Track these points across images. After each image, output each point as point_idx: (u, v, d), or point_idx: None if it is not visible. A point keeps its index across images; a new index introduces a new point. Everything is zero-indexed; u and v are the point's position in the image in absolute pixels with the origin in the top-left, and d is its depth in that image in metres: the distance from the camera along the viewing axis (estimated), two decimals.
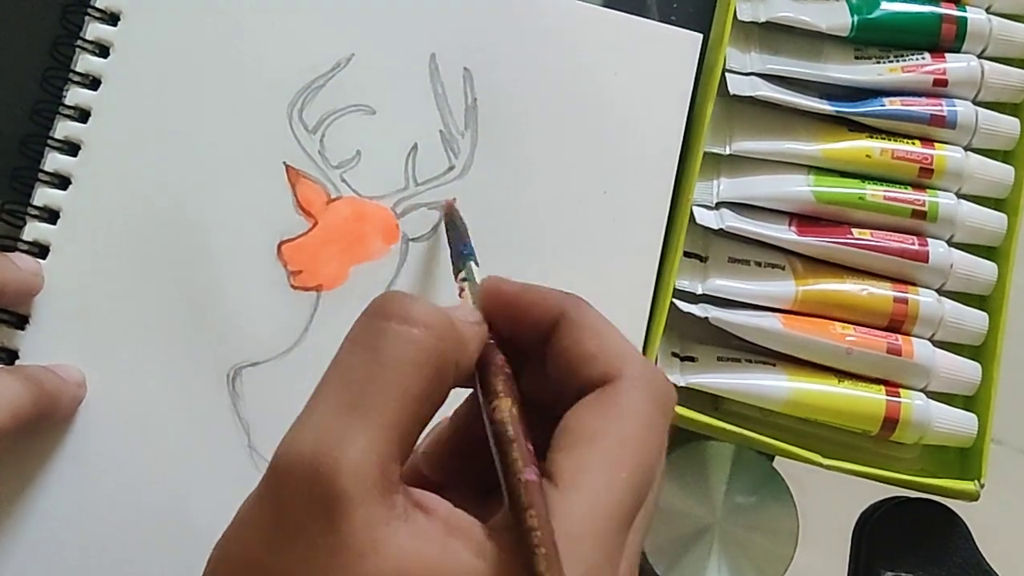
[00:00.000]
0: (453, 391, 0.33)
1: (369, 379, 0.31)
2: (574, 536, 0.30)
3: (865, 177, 0.52)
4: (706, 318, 0.49)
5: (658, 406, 0.33)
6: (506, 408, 0.32)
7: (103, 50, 0.48)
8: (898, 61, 0.53)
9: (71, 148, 0.47)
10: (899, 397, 0.49)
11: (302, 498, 0.29)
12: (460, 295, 0.38)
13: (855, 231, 0.51)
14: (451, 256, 0.44)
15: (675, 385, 0.49)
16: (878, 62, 0.53)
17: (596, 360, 0.33)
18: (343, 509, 0.29)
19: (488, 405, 0.32)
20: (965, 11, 0.53)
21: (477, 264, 0.41)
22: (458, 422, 0.36)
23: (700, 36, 0.52)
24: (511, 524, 0.30)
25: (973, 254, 0.52)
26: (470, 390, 0.35)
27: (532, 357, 0.35)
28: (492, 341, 0.34)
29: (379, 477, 0.30)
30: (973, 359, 0.51)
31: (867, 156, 0.51)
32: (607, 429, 0.32)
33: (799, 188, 0.51)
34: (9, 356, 0.46)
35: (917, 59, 0.53)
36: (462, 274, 0.40)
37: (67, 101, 0.48)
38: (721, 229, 0.50)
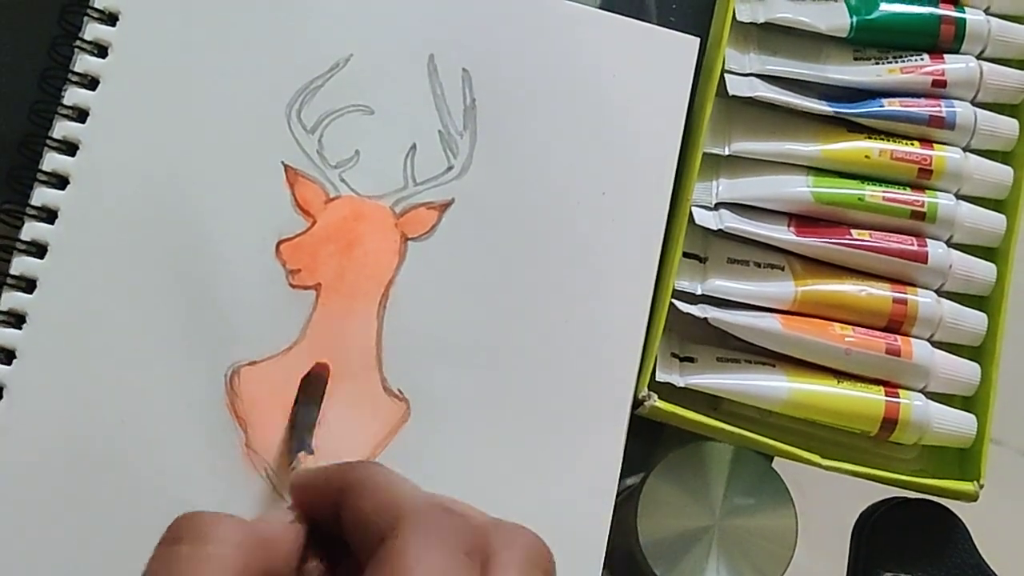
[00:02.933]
0: None
1: None
2: None
3: (864, 178, 0.52)
4: (705, 319, 0.49)
5: (444, 546, 0.30)
6: None
7: (102, 50, 0.48)
8: (897, 62, 0.53)
9: (69, 148, 0.47)
10: (898, 398, 0.49)
11: None
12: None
13: (854, 232, 0.51)
14: (292, 436, 0.44)
15: (673, 386, 0.49)
16: (877, 63, 0.53)
17: (370, 521, 0.31)
18: None
19: None
20: (964, 12, 0.53)
21: (311, 452, 0.41)
22: None
23: (698, 40, 0.52)
24: None
25: (972, 255, 0.52)
26: None
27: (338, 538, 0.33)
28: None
29: None
30: (972, 360, 0.51)
31: (866, 157, 0.51)
32: None
33: (798, 189, 0.51)
34: (7, 356, 0.45)
35: (916, 60, 0.53)
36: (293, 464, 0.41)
37: (65, 101, 0.48)
38: (720, 230, 0.50)
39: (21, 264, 0.46)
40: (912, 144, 0.52)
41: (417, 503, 0.31)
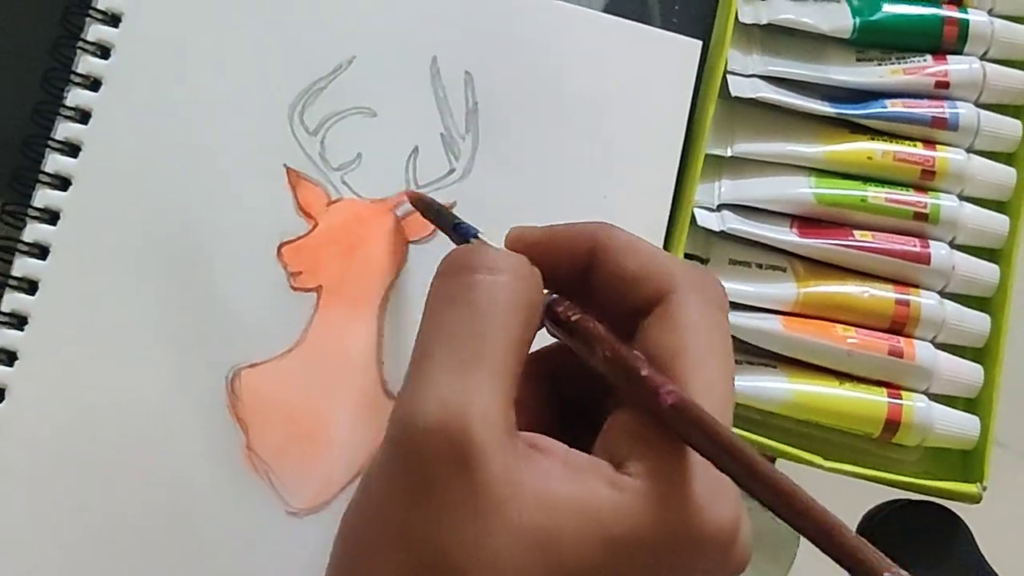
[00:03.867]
0: None
1: (474, 332, 0.32)
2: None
3: (867, 179, 0.52)
4: None
5: (716, 305, 0.34)
6: (606, 333, 0.33)
7: (104, 51, 0.48)
8: (900, 63, 0.53)
9: (72, 149, 0.47)
10: (901, 399, 0.49)
11: (437, 457, 0.30)
12: None
13: (857, 233, 0.51)
14: (454, 239, 0.43)
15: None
16: (880, 64, 0.53)
17: (643, 280, 0.34)
18: (480, 460, 0.29)
19: (589, 339, 0.33)
20: (967, 13, 0.53)
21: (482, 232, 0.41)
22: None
23: (699, 43, 0.52)
24: (647, 447, 0.31)
25: (975, 256, 0.52)
26: None
27: (571, 295, 0.36)
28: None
29: (505, 424, 0.31)
30: (975, 361, 0.51)
31: (869, 158, 0.51)
32: (684, 343, 0.33)
33: (800, 190, 0.51)
34: (9, 357, 0.46)
35: (919, 61, 0.53)
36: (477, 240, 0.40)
37: (68, 102, 0.48)
38: (722, 231, 0.50)
39: (23, 265, 0.46)
40: (915, 145, 0.52)
41: (682, 265, 0.35)
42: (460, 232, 0.41)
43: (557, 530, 0.30)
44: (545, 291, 0.35)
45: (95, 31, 0.48)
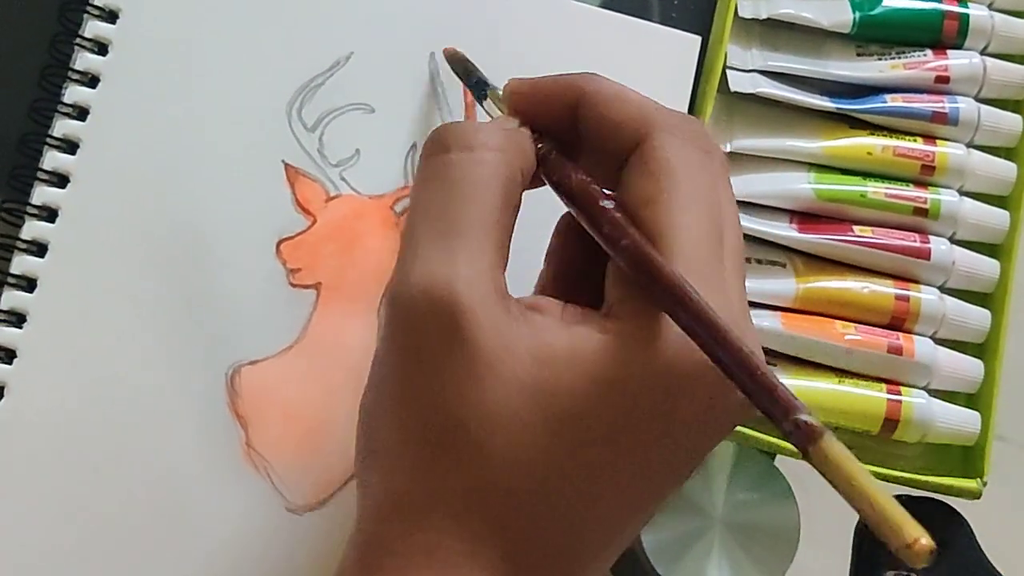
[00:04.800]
0: None
1: (452, 205, 0.33)
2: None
3: (866, 174, 0.51)
4: None
5: (697, 147, 0.34)
6: (589, 185, 0.34)
7: (102, 48, 0.48)
8: (900, 58, 0.53)
9: (70, 146, 0.47)
10: (900, 396, 0.49)
11: (427, 324, 0.31)
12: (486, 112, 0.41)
13: (856, 228, 0.51)
14: (474, 94, 0.45)
15: None
16: (880, 59, 0.53)
17: (623, 125, 0.35)
18: (469, 321, 0.31)
19: (576, 191, 0.34)
20: (967, 7, 0.53)
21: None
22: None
23: (699, 38, 0.52)
24: (630, 289, 0.32)
25: (975, 251, 0.52)
26: None
27: (564, 146, 0.37)
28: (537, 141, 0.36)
29: (492, 286, 0.32)
30: (975, 357, 0.51)
31: (868, 153, 0.51)
32: (659, 188, 0.33)
33: (800, 185, 0.51)
34: (7, 355, 0.45)
35: (919, 56, 0.53)
36: (487, 102, 0.42)
37: (66, 99, 0.48)
38: None
39: (21, 263, 0.46)
40: (915, 140, 0.52)
41: (662, 109, 0.35)
42: (476, 88, 0.43)
43: (553, 379, 0.31)
44: (540, 144, 0.36)
45: (93, 27, 0.48)
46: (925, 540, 0.26)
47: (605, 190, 0.35)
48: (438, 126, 0.35)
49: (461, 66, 0.47)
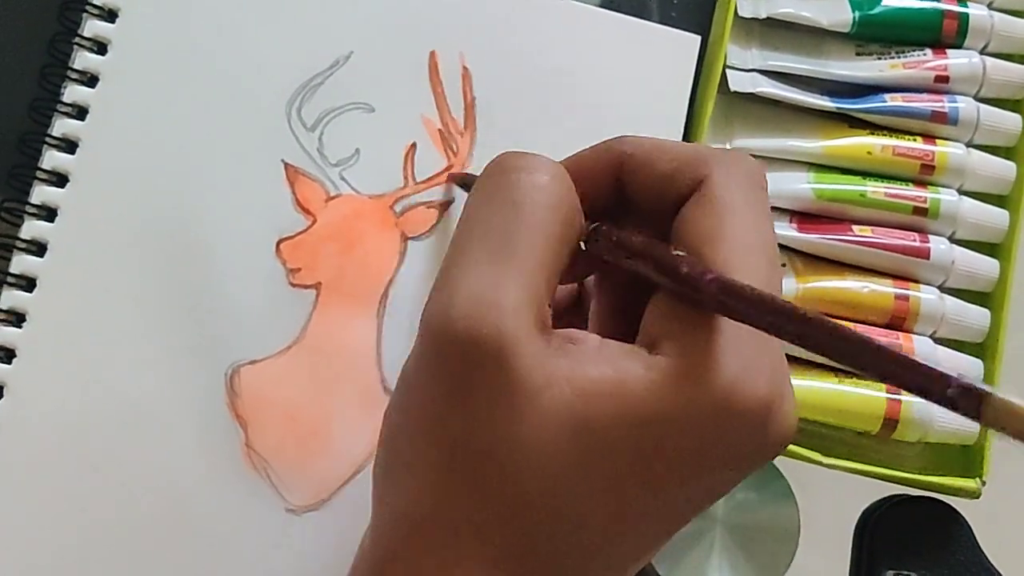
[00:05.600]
0: None
1: (511, 228, 0.32)
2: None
3: (866, 174, 0.51)
4: None
5: (754, 182, 0.34)
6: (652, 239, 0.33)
7: (101, 47, 0.48)
8: (899, 57, 0.53)
9: (69, 146, 0.47)
10: (900, 395, 0.49)
11: (469, 351, 0.30)
12: None
13: (856, 228, 0.51)
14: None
15: None
16: (879, 58, 0.53)
17: (677, 173, 0.34)
18: (512, 351, 0.30)
19: (643, 245, 0.33)
20: (967, 7, 0.53)
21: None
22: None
23: (698, 38, 0.52)
24: (679, 325, 0.31)
25: (975, 251, 0.52)
26: None
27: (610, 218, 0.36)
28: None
29: (537, 317, 0.31)
30: (975, 356, 0.51)
31: (868, 153, 0.51)
32: (722, 224, 0.32)
33: (800, 185, 0.51)
34: (7, 355, 0.45)
35: (918, 55, 0.53)
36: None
37: (65, 98, 0.47)
38: None
39: (21, 262, 0.46)
40: (914, 140, 0.52)
41: (711, 149, 0.35)
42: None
43: (592, 413, 0.30)
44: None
45: (92, 27, 0.48)
46: None
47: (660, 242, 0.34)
48: (501, 153, 0.35)
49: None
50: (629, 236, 0.34)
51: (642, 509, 0.31)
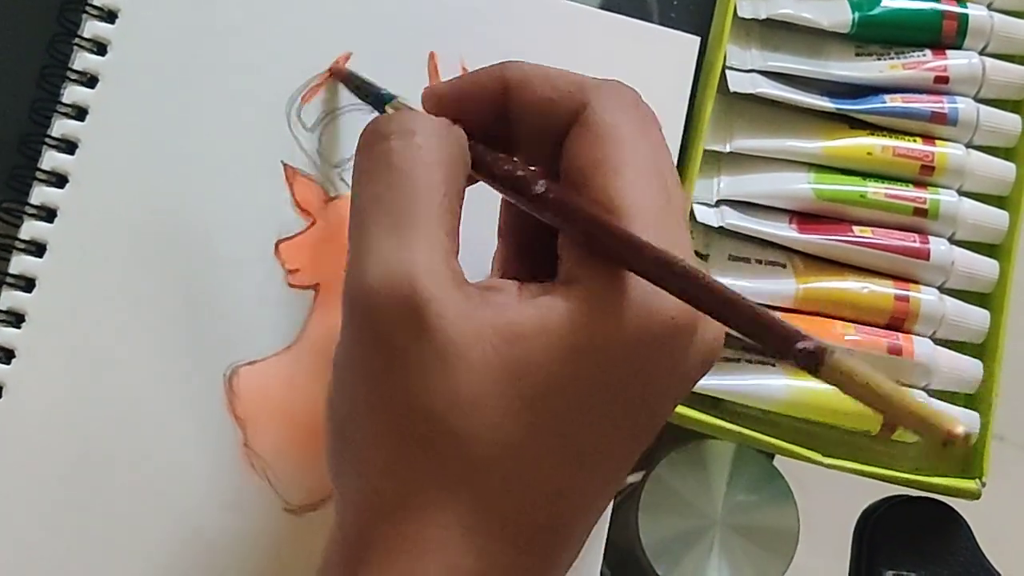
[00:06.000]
0: None
1: (400, 194, 0.32)
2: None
3: (866, 174, 0.51)
4: None
5: (634, 110, 0.35)
6: (516, 173, 0.34)
7: (101, 48, 0.48)
8: (899, 58, 0.53)
9: (69, 146, 0.47)
10: None
11: (390, 319, 0.31)
12: None
13: (856, 229, 0.51)
14: (375, 108, 0.44)
15: None
16: (879, 59, 0.53)
17: (559, 99, 0.35)
18: (432, 311, 0.30)
19: (520, 181, 0.34)
20: (966, 7, 0.53)
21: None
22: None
23: (698, 39, 0.52)
24: (587, 256, 0.32)
25: (975, 251, 0.52)
26: None
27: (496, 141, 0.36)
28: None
29: (450, 273, 0.31)
30: (975, 357, 0.51)
31: (868, 153, 0.51)
32: (602, 152, 0.33)
33: (800, 186, 0.51)
34: (6, 355, 0.45)
35: (918, 56, 0.53)
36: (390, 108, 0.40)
37: (65, 99, 0.47)
38: (721, 227, 0.50)
39: (20, 263, 0.46)
40: (914, 140, 0.52)
41: (596, 79, 0.36)
42: (379, 100, 0.42)
43: (524, 356, 0.30)
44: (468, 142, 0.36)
45: (92, 27, 0.48)
46: (961, 428, 0.26)
47: (531, 169, 0.34)
48: (371, 120, 0.35)
49: (352, 84, 0.46)
50: (496, 166, 0.34)
51: (594, 439, 0.32)
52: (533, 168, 0.34)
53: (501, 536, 0.31)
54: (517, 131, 0.36)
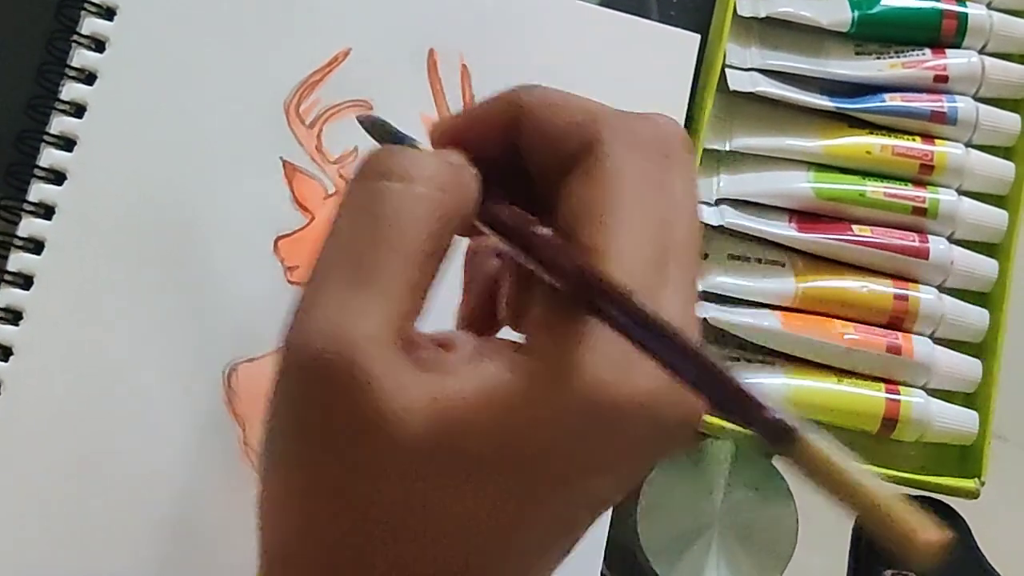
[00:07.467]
0: None
1: (371, 247, 0.29)
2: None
3: (866, 173, 0.51)
4: (705, 318, 0.49)
5: (651, 149, 0.31)
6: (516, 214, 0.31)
7: (99, 45, 0.48)
8: (898, 57, 0.53)
9: (67, 143, 0.47)
10: (899, 395, 0.49)
11: (325, 380, 0.28)
12: None
13: (855, 228, 0.51)
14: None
15: None
16: (879, 58, 0.53)
17: (568, 132, 0.31)
18: (368, 381, 0.27)
19: (529, 238, 0.30)
20: (966, 7, 0.53)
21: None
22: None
23: (698, 36, 0.52)
24: (545, 320, 0.29)
25: (974, 251, 0.52)
26: None
27: (504, 170, 0.33)
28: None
29: (397, 337, 0.28)
30: (974, 356, 0.51)
31: (867, 152, 0.51)
32: (606, 197, 0.29)
33: (799, 184, 0.51)
34: (4, 352, 0.45)
35: (918, 55, 0.53)
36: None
37: (63, 96, 0.47)
38: (721, 226, 0.50)
39: (18, 260, 0.46)
40: (914, 140, 0.52)
41: (609, 111, 0.31)
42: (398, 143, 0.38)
43: (457, 430, 0.28)
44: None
45: (90, 24, 0.48)
46: (932, 535, 0.23)
47: (530, 217, 0.31)
48: (375, 151, 0.31)
49: (379, 132, 0.44)
50: (495, 207, 0.31)
51: (523, 520, 0.29)
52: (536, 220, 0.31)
53: None
54: (528, 162, 0.33)
